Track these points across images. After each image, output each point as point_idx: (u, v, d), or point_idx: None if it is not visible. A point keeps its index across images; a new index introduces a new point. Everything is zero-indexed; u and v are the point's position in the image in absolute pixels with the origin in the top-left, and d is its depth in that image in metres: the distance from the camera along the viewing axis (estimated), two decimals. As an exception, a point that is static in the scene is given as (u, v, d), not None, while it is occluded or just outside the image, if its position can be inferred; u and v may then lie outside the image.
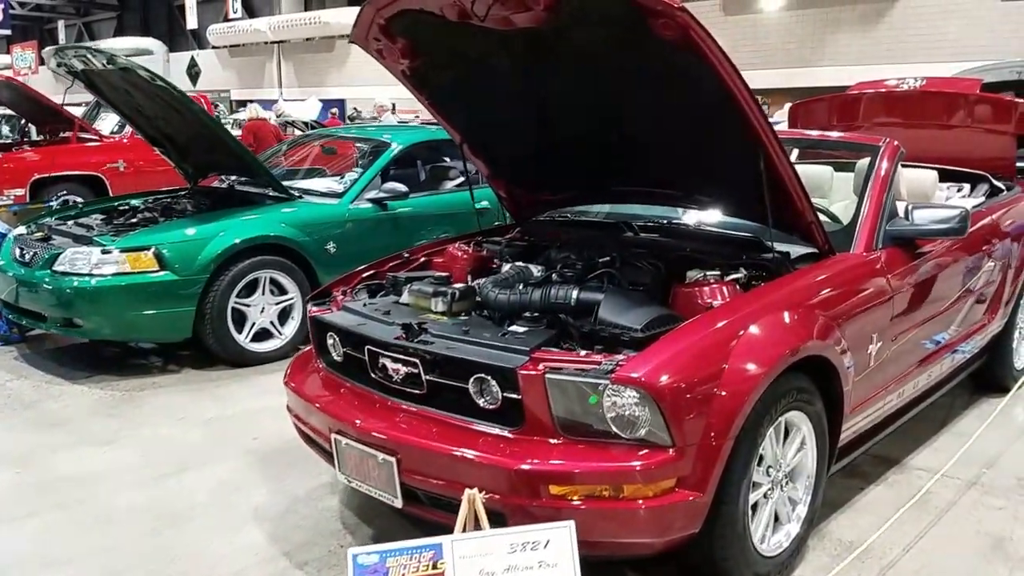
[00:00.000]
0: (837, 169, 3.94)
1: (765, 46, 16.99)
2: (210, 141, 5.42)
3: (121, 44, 25.07)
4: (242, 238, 4.84)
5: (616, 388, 2.20)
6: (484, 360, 2.35)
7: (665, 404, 2.17)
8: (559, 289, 2.72)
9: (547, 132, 3.27)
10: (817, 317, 2.64)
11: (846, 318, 2.77)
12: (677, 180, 3.16)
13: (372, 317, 2.75)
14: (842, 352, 2.71)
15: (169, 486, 3.38)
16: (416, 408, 2.53)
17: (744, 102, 2.44)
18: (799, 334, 2.54)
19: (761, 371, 2.36)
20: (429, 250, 3.63)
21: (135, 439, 3.87)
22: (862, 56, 15.49)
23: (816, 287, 2.77)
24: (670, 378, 2.20)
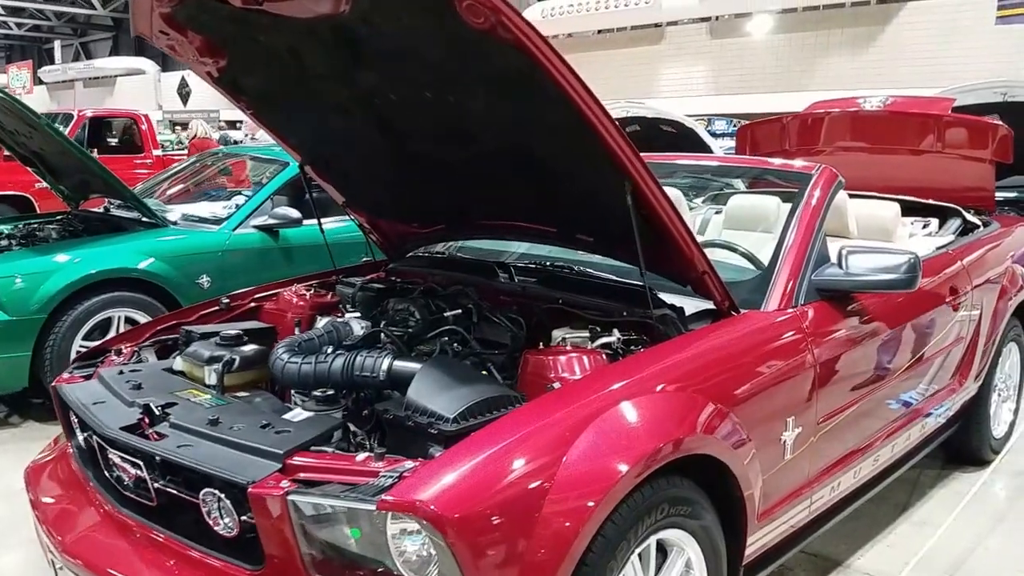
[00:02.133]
0: (785, 200, 3.36)
1: (753, 70, 16.66)
2: (75, 161, 4.81)
3: (114, 64, 24.98)
4: (83, 273, 4.20)
5: (383, 517, 1.57)
6: (212, 469, 1.71)
7: (457, 541, 1.55)
8: (367, 357, 2.10)
9: (395, 151, 2.66)
10: (699, 401, 2.02)
11: (745, 400, 2.16)
12: (546, 214, 2.55)
13: (117, 392, 2.12)
14: (737, 445, 2.09)
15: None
16: (145, 526, 1.88)
17: (595, 119, 1.85)
18: (669, 427, 1.92)
19: (609, 482, 1.74)
20: (263, 293, 3.02)
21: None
22: (855, 80, 15.09)
23: (705, 358, 2.15)
24: (466, 501, 1.57)
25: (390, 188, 2.98)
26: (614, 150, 1.92)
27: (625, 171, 1.98)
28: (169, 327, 2.70)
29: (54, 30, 29.00)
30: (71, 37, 29.36)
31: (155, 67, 27.02)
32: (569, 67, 1.79)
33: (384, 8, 1.93)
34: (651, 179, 2.03)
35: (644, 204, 2.05)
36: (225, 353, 2.22)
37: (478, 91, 2.08)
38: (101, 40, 27.97)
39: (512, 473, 1.66)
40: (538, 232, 2.71)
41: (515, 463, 1.67)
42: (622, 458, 1.78)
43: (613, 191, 2.06)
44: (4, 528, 2.97)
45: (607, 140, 1.90)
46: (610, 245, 2.46)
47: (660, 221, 2.09)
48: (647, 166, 2.00)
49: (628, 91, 15.64)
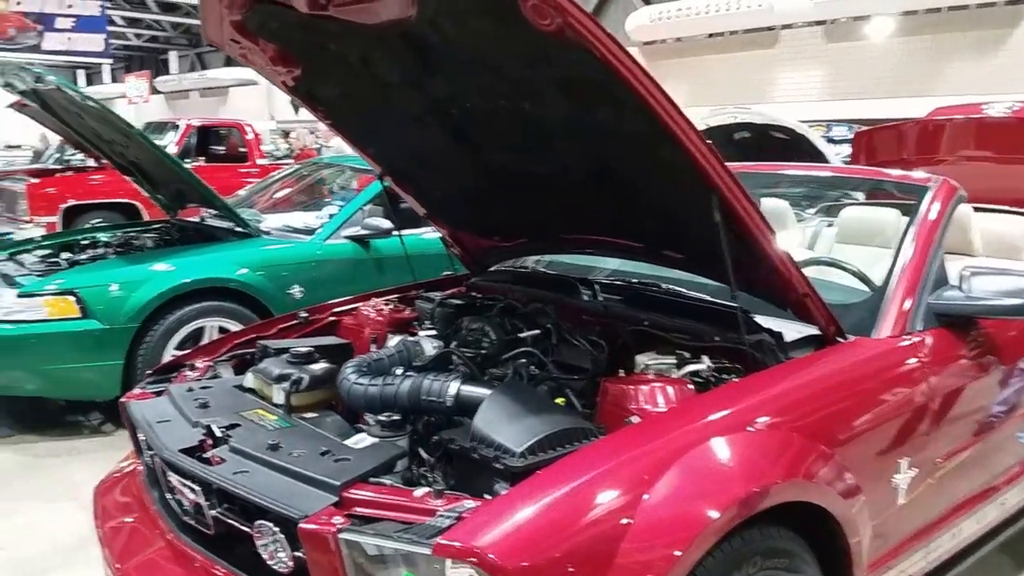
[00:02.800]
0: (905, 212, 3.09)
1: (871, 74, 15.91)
2: (169, 171, 4.96)
3: (227, 74, 26.01)
4: (176, 282, 4.30)
5: (441, 562, 1.45)
6: (265, 500, 1.64)
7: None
8: (435, 381, 2.00)
9: (472, 161, 2.57)
10: (799, 439, 1.83)
11: (853, 438, 1.95)
12: (631, 228, 2.40)
13: (183, 411, 2.09)
14: (844, 490, 1.88)
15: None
16: (204, 556, 1.83)
17: (674, 127, 1.71)
18: (764, 469, 1.74)
19: (695, 530, 1.58)
20: (341, 307, 2.98)
21: (7, 527, 3.34)
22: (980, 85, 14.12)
23: (807, 390, 1.96)
24: (530, 548, 1.44)
25: (469, 200, 2.89)
26: (697, 160, 1.77)
27: (710, 183, 1.81)
28: (247, 341, 2.68)
29: (171, 41, 30.43)
30: (187, 48, 30.78)
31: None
32: (644, 71, 1.65)
33: (450, 12, 1.84)
34: (740, 192, 1.86)
35: (734, 219, 1.88)
36: (294, 371, 2.17)
37: (552, 98, 1.96)
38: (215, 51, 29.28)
39: (584, 517, 1.52)
40: (624, 247, 2.57)
41: (587, 506, 1.53)
42: (710, 503, 1.62)
43: (700, 205, 1.90)
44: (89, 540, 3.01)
45: (689, 149, 1.75)
46: (701, 263, 2.29)
47: (752, 239, 1.92)
48: (735, 177, 1.83)
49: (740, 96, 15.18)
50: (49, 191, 9.47)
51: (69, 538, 3.21)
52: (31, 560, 3.07)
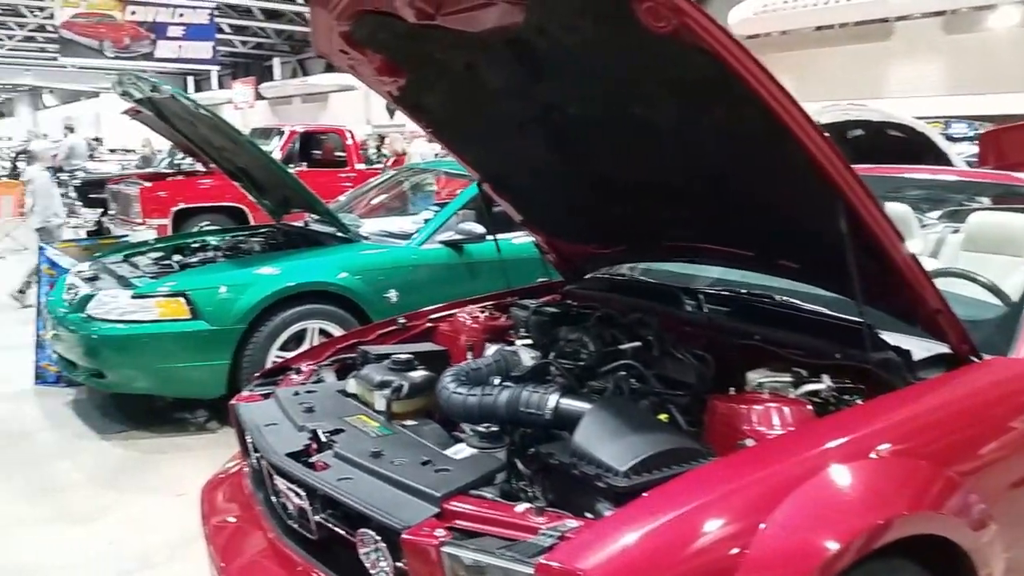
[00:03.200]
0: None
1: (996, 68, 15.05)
2: (276, 177, 5.12)
3: (328, 80, 26.70)
4: (281, 285, 4.42)
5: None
6: (368, 508, 1.65)
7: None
8: (533, 392, 1.98)
9: (574, 167, 2.54)
10: (928, 467, 1.72)
11: (987, 466, 1.82)
12: (742, 235, 2.32)
13: (289, 415, 2.13)
14: (975, 522, 1.76)
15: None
16: (306, 563, 1.86)
17: (798, 130, 1.63)
18: (889, 500, 1.64)
19: (813, 562, 1.50)
20: (438, 313, 2.99)
21: (115, 519, 3.49)
22: None
23: (937, 414, 1.84)
24: (636, 574, 1.40)
25: (568, 206, 2.86)
26: (822, 165, 1.69)
27: (836, 189, 1.72)
28: (348, 346, 2.72)
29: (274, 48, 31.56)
30: (289, 55, 31.85)
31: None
32: (766, 70, 1.58)
33: (558, 17, 1.81)
34: (870, 199, 1.76)
35: (861, 228, 1.79)
36: (395, 378, 2.18)
37: (663, 102, 1.91)
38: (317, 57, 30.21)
39: (695, 543, 1.46)
40: (733, 256, 2.48)
41: (699, 532, 1.47)
42: (831, 535, 1.53)
43: (823, 212, 1.81)
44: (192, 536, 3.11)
45: (813, 153, 1.67)
46: (819, 273, 2.19)
47: (881, 249, 1.81)
48: (864, 183, 1.74)
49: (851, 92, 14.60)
50: (160, 195, 9.91)
51: (175, 533, 3.33)
52: (138, 553, 3.20)
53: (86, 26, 19.39)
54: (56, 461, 4.14)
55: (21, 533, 3.35)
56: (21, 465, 4.07)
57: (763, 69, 1.57)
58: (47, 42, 27.81)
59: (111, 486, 3.84)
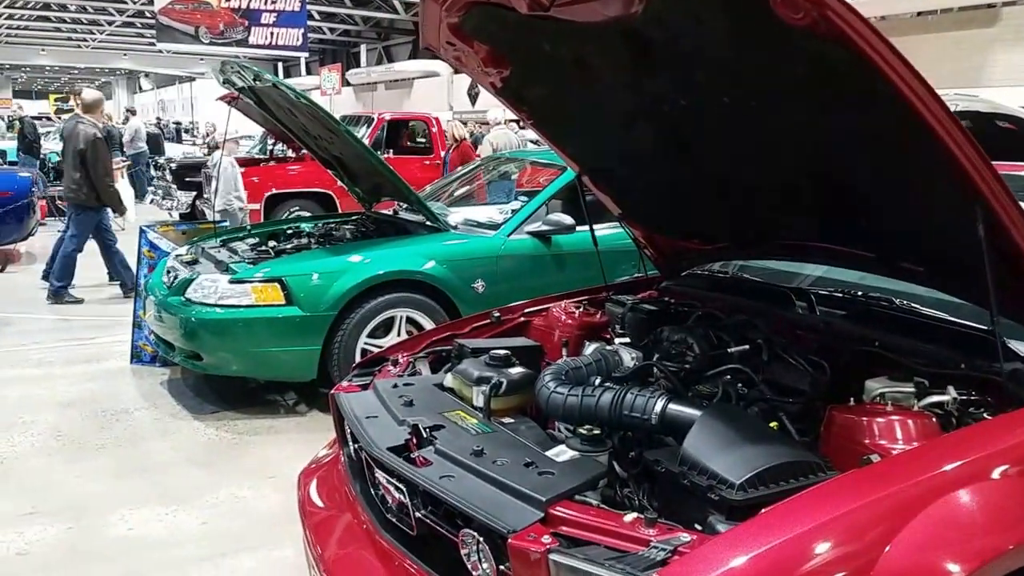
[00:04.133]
0: None
1: None
2: (369, 165, 5.17)
3: (412, 67, 27.02)
4: (372, 273, 4.46)
5: (655, 597, 1.37)
6: (472, 510, 1.62)
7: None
8: (638, 396, 1.92)
9: (681, 162, 2.46)
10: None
11: None
12: (863, 236, 2.21)
13: (389, 408, 2.13)
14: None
15: (197, 573, 3.01)
16: (405, 556, 1.85)
17: (937, 125, 1.53)
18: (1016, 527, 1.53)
19: (943, 588, 1.41)
20: (532, 308, 2.96)
21: (208, 501, 3.58)
22: None
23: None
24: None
25: (671, 201, 2.79)
26: (962, 164, 1.58)
27: (976, 191, 1.61)
28: (443, 338, 2.72)
29: (361, 35, 32.00)
30: (375, 41, 32.25)
31: (448, 69, 28.85)
32: (908, 64, 1.49)
33: (682, 7, 1.74)
34: (1011, 202, 1.65)
35: (1000, 233, 1.67)
36: (493, 375, 2.16)
37: (789, 95, 1.82)
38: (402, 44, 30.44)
39: (819, 563, 1.39)
40: (851, 256, 2.37)
41: (821, 551, 1.40)
42: (957, 559, 1.44)
43: (957, 214, 1.71)
44: (284, 518, 3.17)
45: (953, 152, 1.57)
46: (947, 278, 2.07)
47: (1021, 257, 1.69)
48: (1005, 185, 1.62)
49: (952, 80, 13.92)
50: (253, 180, 10.17)
51: (265, 515, 3.41)
52: (230, 534, 3.27)
53: (183, 12, 20.05)
54: (152, 440, 4.28)
55: (118, 511, 3.46)
56: (118, 443, 4.22)
57: (905, 63, 1.47)
58: (145, 27, 28.86)
59: (205, 466, 3.95)
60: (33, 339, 6.16)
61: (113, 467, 3.94)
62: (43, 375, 5.34)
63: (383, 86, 30.83)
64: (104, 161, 7.08)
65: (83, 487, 3.71)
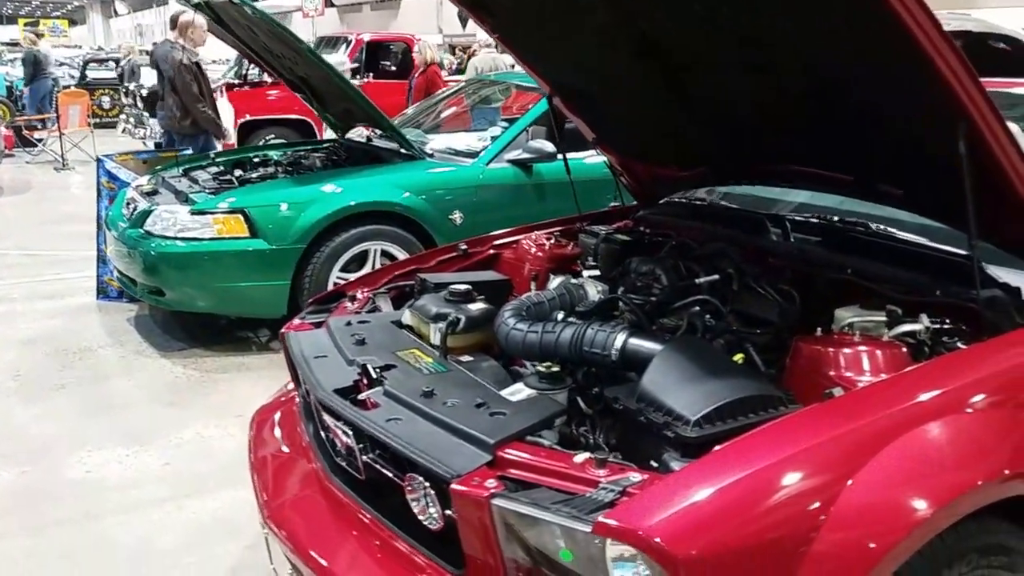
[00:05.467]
0: None
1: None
2: (338, 88, 5.02)
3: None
4: (341, 205, 4.38)
5: (602, 542, 1.35)
6: (415, 454, 1.58)
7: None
8: (599, 330, 1.88)
9: (658, 81, 2.36)
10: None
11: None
12: (841, 158, 2.14)
13: (340, 347, 2.08)
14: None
15: (158, 516, 3.00)
16: (353, 502, 1.82)
17: (923, 37, 1.46)
18: (992, 458, 1.51)
19: (904, 522, 1.39)
20: (501, 240, 2.89)
21: (171, 441, 3.57)
22: None
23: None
24: (707, 534, 1.30)
25: (647, 123, 2.70)
26: (946, 79, 1.51)
27: (960, 108, 1.54)
28: (406, 273, 2.66)
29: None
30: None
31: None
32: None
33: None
34: (996, 121, 1.58)
35: (983, 151, 1.60)
36: (451, 311, 2.10)
37: (766, 7, 1.73)
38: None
39: (774, 501, 1.36)
40: (829, 180, 2.30)
41: (776, 490, 1.37)
42: (925, 495, 1.41)
43: (939, 132, 1.64)
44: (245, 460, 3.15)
45: (938, 65, 1.50)
46: (926, 201, 2.00)
47: (1003, 176, 1.63)
48: (992, 103, 1.55)
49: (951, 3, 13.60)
50: (228, 106, 9.94)
51: (231, 455, 3.38)
52: (193, 474, 3.26)
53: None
54: (115, 379, 4.25)
55: (77, 454, 3.44)
56: (80, 382, 4.19)
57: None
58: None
59: (170, 405, 3.93)
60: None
61: (73, 407, 3.92)
62: (3, 312, 5.29)
63: (368, 7, 30.01)
64: (191, 89, 6.81)
65: (41, 428, 3.69)
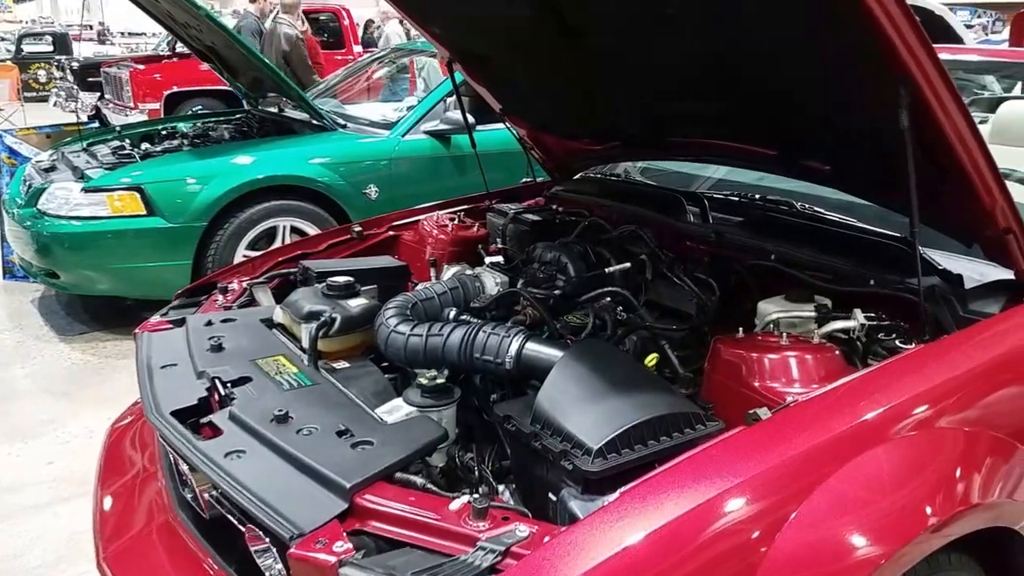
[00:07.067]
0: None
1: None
2: (243, 56, 4.50)
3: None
4: (245, 179, 3.91)
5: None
6: (252, 504, 1.19)
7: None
8: (491, 333, 1.52)
9: (565, 46, 1.98)
10: (990, 444, 1.27)
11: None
12: (764, 130, 1.80)
13: (192, 354, 1.67)
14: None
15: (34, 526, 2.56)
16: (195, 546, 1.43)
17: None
18: (947, 492, 1.19)
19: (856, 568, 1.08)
20: (401, 220, 2.50)
21: (59, 436, 3.11)
22: None
23: (1002, 369, 1.36)
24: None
25: (555, 93, 2.33)
26: (885, 32, 1.17)
27: (902, 68, 1.21)
28: (291, 259, 2.25)
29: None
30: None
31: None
32: None
33: None
34: (944, 84, 1.24)
35: (928, 123, 1.27)
36: (326, 308, 1.71)
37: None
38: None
39: (693, 555, 1.03)
40: (749, 155, 1.96)
41: (697, 546, 1.03)
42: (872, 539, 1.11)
43: (877, 101, 1.30)
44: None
45: (875, 15, 1.15)
46: (859, 178, 1.68)
47: (949, 150, 1.30)
48: (943, 67, 1.22)
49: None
50: (156, 77, 9.20)
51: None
52: (76, 476, 2.81)
53: None
54: (10, 367, 3.75)
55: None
56: (-28, 372, 3.69)
57: None
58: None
59: (63, 396, 3.46)
60: None
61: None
62: None
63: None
64: (306, 61, 6.27)
65: (-84, 426, 3.20)
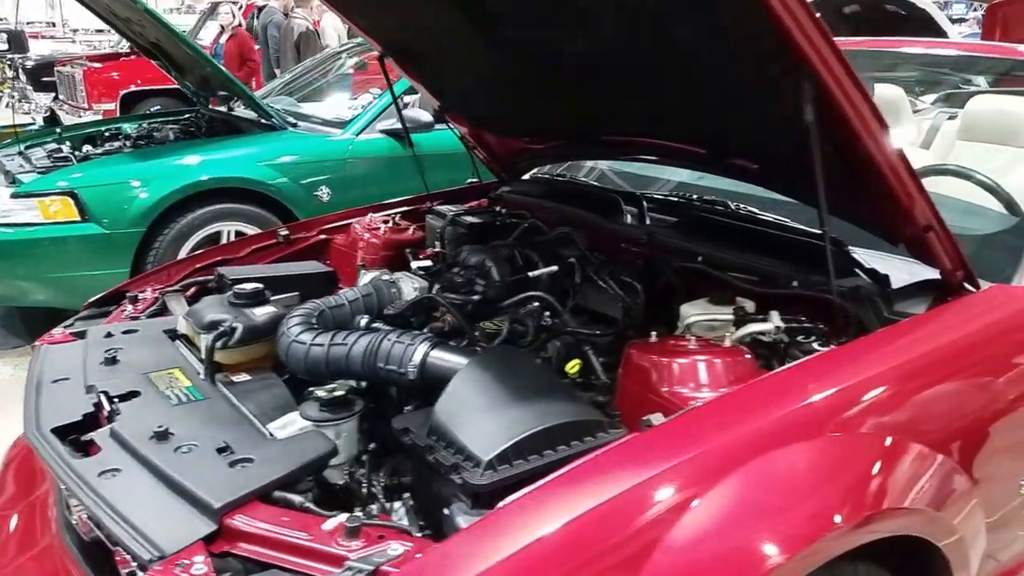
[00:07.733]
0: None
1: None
2: (186, 53, 4.47)
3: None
4: (185, 182, 3.87)
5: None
6: (116, 523, 1.17)
7: None
8: (396, 342, 1.50)
9: (495, 41, 1.95)
10: (902, 448, 1.27)
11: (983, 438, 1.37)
12: (694, 127, 1.80)
13: (85, 368, 1.64)
14: (963, 513, 1.32)
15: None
16: (76, 569, 1.40)
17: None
18: (854, 499, 1.19)
19: None
20: (333, 223, 2.48)
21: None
22: None
23: (921, 375, 1.36)
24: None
25: (492, 90, 2.30)
26: (785, 27, 1.16)
27: (803, 60, 1.20)
28: (210, 265, 2.22)
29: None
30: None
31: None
32: None
33: None
34: (848, 78, 1.24)
35: (834, 116, 1.27)
36: (228, 318, 1.68)
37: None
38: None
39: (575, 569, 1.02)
40: (681, 153, 1.96)
41: (581, 552, 1.02)
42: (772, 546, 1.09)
43: (788, 96, 1.30)
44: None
45: (773, 8, 1.14)
46: (782, 175, 1.68)
47: (858, 145, 1.30)
48: (842, 57, 1.21)
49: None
50: (113, 75, 9.16)
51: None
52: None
53: None
54: (-62, 384, 3.70)
55: None
56: None
57: None
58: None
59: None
60: None
61: None
62: None
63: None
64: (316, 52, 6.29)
65: None
